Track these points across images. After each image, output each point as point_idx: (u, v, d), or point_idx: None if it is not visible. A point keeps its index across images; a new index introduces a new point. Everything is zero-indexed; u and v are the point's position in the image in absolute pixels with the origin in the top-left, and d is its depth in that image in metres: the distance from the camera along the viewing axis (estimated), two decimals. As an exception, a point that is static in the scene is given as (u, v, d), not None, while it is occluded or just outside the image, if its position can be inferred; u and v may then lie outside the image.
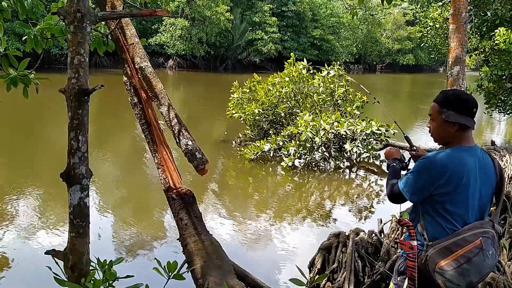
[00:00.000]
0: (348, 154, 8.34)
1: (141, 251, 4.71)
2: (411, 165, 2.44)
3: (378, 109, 14.80)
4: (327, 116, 8.34)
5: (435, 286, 2.01)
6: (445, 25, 10.01)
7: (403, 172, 2.42)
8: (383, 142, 8.65)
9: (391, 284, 2.28)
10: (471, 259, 1.94)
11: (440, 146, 2.29)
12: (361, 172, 8.47)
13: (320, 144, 8.22)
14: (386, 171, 2.41)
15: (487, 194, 2.11)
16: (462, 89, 5.91)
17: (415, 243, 2.06)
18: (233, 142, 9.92)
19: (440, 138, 2.16)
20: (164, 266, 1.92)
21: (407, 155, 2.57)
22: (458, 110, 2.05)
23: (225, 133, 11.07)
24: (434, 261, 1.98)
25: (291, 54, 10.64)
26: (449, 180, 2.00)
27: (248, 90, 9.82)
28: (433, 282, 2.01)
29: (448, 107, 2.07)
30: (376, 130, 8.18)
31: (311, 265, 4.02)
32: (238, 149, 9.23)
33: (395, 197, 2.20)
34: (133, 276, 1.95)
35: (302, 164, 8.16)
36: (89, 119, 1.99)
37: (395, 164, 2.40)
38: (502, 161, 7.29)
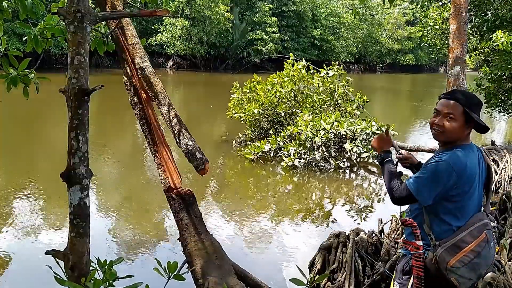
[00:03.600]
0: (348, 154, 8.34)
1: (141, 251, 4.71)
2: (399, 168, 2.45)
3: (377, 109, 14.80)
4: (327, 116, 8.34)
5: (444, 284, 2.04)
6: (444, 25, 10.01)
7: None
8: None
9: (393, 283, 2.29)
10: (480, 253, 2.00)
11: (440, 146, 2.29)
12: (361, 172, 8.47)
13: (320, 144, 8.22)
14: (376, 162, 2.39)
15: (482, 187, 2.19)
16: (462, 88, 5.91)
17: (420, 243, 2.08)
18: (233, 142, 9.92)
19: (453, 137, 2.13)
20: (164, 266, 1.92)
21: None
22: (478, 112, 2.12)
23: (227, 133, 11.06)
24: (444, 260, 2.01)
25: (290, 54, 10.65)
26: (466, 181, 2.05)
27: (248, 90, 9.82)
28: (441, 280, 2.04)
29: (473, 110, 2.09)
30: (376, 130, 8.18)
31: (311, 265, 4.02)
32: (238, 149, 9.23)
33: (401, 201, 2.17)
34: (133, 276, 1.95)
35: (302, 164, 8.16)
36: (89, 119, 1.99)
37: (389, 159, 2.35)
38: (502, 161, 7.29)
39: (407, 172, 2.52)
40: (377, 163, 2.39)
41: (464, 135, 2.12)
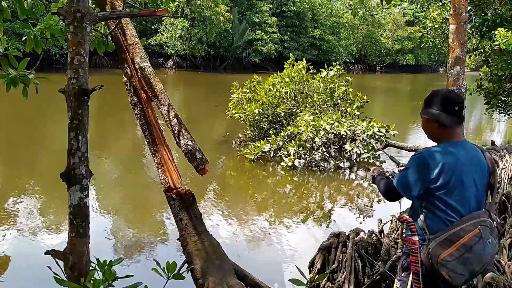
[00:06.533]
0: (348, 154, 8.34)
1: (141, 251, 4.71)
2: None
3: (377, 109, 14.81)
4: (327, 116, 8.34)
5: (440, 279, 2.04)
6: (444, 25, 10.00)
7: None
8: (383, 143, 8.65)
9: (396, 281, 2.30)
10: (472, 248, 2.00)
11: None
12: (361, 172, 8.47)
13: (320, 144, 8.22)
14: (373, 184, 2.50)
15: (482, 185, 2.17)
16: (462, 89, 5.90)
17: (416, 238, 2.10)
18: (233, 142, 9.92)
19: (428, 134, 2.26)
20: (163, 266, 1.92)
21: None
22: (439, 108, 2.15)
23: (227, 133, 11.06)
24: (436, 253, 2.02)
25: (290, 54, 10.65)
26: (442, 173, 2.06)
27: (248, 90, 9.81)
28: (437, 275, 2.04)
29: (429, 106, 2.19)
30: (377, 131, 8.17)
31: (311, 265, 4.02)
32: (238, 149, 9.22)
33: (390, 194, 2.28)
34: (133, 276, 1.95)
35: (302, 164, 8.16)
36: (89, 119, 1.99)
37: (379, 174, 2.52)
38: (502, 161, 7.29)
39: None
40: (372, 183, 2.51)
41: (434, 131, 2.19)
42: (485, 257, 2.04)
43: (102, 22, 3.19)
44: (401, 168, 2.61)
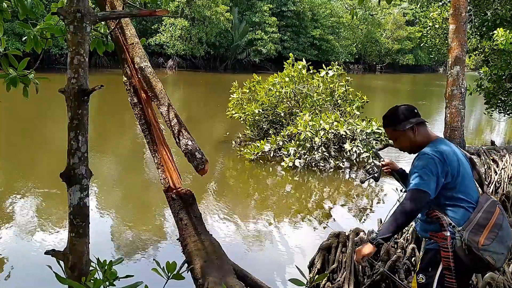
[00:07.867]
0: (348, 154, 8.34)
1: (141, 251, 4.71)
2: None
3: (377, 109, 14.82)
4: (327, 116, 8.34)
5: (480, 267, 2.12)
6: (445, 25, 10.01)
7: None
8: (383, 142, 8.64)
9: (420, 276, 2.27)
10: (502, 226, 2.11)
11: None
12: (361, 172, 8.47)
13: (320, 144, 8.22)
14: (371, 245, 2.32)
15: (471, 171, 2.33)
16: (462, 89, 5.92)
17: (448, 233, 2.14)
18: (233, 142, 9.92)
19: (412, 146, 2.37)
20: (163, 266, 1.92)
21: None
22: (405, 117, 2.34)
23: (227, 133, 11.06)
24: (474, 241, 2.07)
25: (290, 54, 10.64)
26: (451, 165, 2.19)
27: (248, 90, 9.81)
28: (477, 264, 2.08)
29: (397, 122, 2.35)
30: (376, 129, 8.18)
31: (311, 265, 4.02)
32: (238, 149, 9.22)
33: (418, 204, 2.14)
34: (133, 275, 1.95)
35: (302, 164, 8.16)
36: (88, 119, 1.99)
37: (379, 240, 2.31)
38: (502, 161, 7.29)
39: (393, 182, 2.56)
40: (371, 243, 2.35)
41: (415, 138, 2.34)
42: (510, 232, 2.14)
43: (102, 22, 3.20)
44: (382, 162, 2.73)
